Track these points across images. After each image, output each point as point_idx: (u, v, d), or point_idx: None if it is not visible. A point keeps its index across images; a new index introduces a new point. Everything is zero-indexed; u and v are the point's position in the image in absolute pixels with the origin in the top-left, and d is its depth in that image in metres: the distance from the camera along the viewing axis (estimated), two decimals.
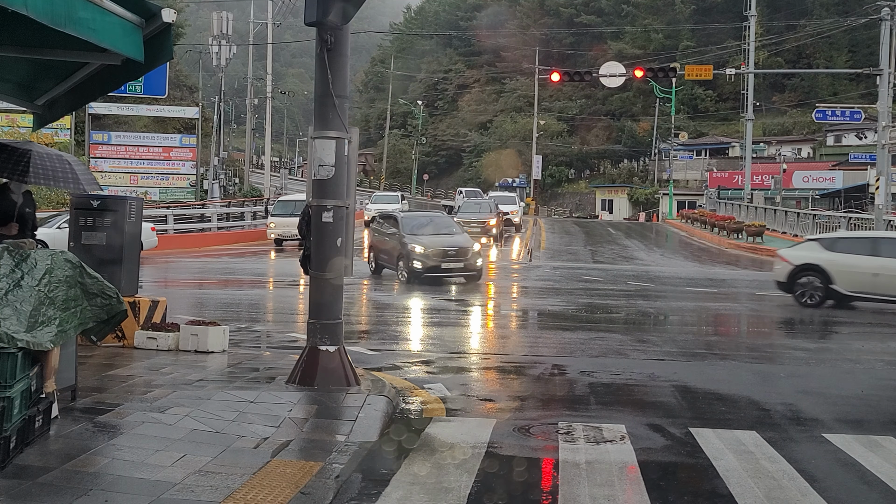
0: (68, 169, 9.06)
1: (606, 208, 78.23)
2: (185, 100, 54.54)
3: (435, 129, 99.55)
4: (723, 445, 6.97)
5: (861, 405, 8.88)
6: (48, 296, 6.33)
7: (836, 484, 6.15)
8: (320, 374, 8.44)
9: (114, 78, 7.42)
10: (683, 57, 72.93)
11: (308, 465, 5.97)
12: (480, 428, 7.41)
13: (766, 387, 9.66)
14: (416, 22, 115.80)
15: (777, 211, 44.49)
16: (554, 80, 31.66)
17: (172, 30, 6.25)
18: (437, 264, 20.47)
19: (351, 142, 8.77)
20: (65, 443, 6.16)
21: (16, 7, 4.49)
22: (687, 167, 75.00)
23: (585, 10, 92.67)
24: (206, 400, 7.66)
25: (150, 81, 38.41)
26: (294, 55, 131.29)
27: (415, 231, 21.55)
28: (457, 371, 10.38)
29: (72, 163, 9.29)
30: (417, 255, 20.42)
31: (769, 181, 59.34)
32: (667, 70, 33.05)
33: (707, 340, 13.69)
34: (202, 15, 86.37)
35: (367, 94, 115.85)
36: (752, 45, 50.18)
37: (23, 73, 8.06)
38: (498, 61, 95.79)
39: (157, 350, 10.14)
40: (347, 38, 8.75)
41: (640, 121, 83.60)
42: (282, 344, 11.86)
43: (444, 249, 20.59)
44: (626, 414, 8.19)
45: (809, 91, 77.86)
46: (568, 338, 13.47)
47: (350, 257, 8.88)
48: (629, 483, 6.02)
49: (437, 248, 20.54)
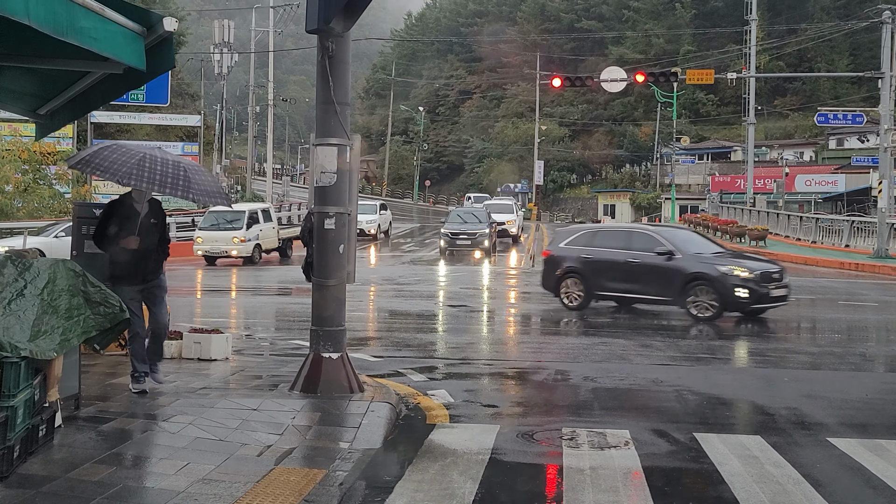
0: (180, 176, 8.03)
1: (609, 213, 78.15)
2: (187, 108, 54.66)
3: (436, 135, 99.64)
4: (727, 450, 6.95)
5: (866, 409, 8.86)
6: (51, 305, 6.33)
7: (842, 488, 6.13)
8: (323, 381, 8.43)
9: (116, 87, 7.43)
10: (685, 61, 73.01)
11: (312, 473, 5.96)
12: (484, 434, 7.39)
13: (770, 391, 9.63)
14: (418, 28, 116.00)
15: (780, 215, 44.41)
16: (555, 85, 31.63)
17: (174, 38, 6.26)
18: None
19: (353, 149, 8.78)
20: (68, 452, 6.15)
21: (18, 17, 4.50)
22: (689, 171, 74.94)
23: (586, 15, 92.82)
24: (210, 408, 7.65)
25: (152, 90, 38.50)
26: (295, 62, 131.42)
27: None
28: (460, 377, 10.37)
29: (189, 170, 8.19)
30: None
31: (771, 185, 59.33)
32: (668, 74, 33.00)
33: (711, 345, 13.66)
34: (204, 23, 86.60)
35: (368, 100, 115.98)
36: (754, 49, 50.17)
37: (25, 82, 8.07)
38: (499, 67, 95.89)
39: None
40: (349, 46, 8.77)
41: (642, 125, 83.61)
42: (285, 351, 11.85)
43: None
44: (630, 419, 8.17)
45: (811, 95, 77.84)
46: (571, 343, 13.45)
47: (353, 264, 8.88)
48: (634, 489, 6.01)
49: None
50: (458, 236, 31.50)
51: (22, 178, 32.78)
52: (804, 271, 28.78)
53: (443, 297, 20.62)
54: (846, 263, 30.01)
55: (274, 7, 55.77)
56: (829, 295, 21.12)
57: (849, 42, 77.17)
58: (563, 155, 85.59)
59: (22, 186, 32.68)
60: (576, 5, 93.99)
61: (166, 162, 8.07)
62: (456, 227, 32.99)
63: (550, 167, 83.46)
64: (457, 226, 33.12)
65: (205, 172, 8.79)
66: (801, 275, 27.33)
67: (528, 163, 79.99)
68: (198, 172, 8.41)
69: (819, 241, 37.29)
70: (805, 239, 38.49)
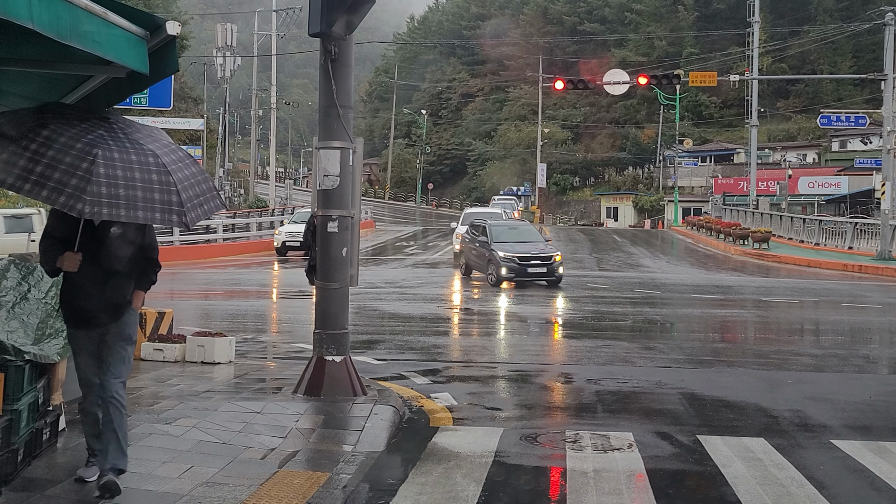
0: (171, 187, 5.00)
1: (611, 216, 78.18)
2: (190, 111, 54.74)
3: (439, 138, 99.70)
4: (731, 452, 6.95)
5: (870, 411, 8.85)
6: (55, 308, 6.35)
7: (845, 491, 6.13)
8: (327, 384, 8.44)
9: (119, 91, 7.44)
10: (687, 64, 73.08)
11: (315, 476, 5.96)
12: (488, 437, 7.39)
13: (773, 393, 9.62)
14: (420, 32, 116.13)
15: (783, 217, 44.40)
16: (558, 88, 31.76)
17: (177, 42, 6.27)
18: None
19: (356, 151, 8.80)
20: (72, 455, 6.16)
21: (21, 21, 4.51)
22: (692, 174, 74.97)
23: (589, 18, 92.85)
24: (213, 411, 7.66)
25: (155, 94, 38.26)
26: (298, 66, 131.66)
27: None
28: (463, 380, 10.37)
29: (175, 170, 5.10)
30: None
31: (774, 187, 59.30)
32: (671, 77, 33.05)
33: (714, 347, 13.66)
34: (207, 27, 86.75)
35: (371, 103, 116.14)
36: (756, 51, 50.20)
37: (28, 86, 8.08)
38: (502, 70, 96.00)
39: (163, 361, 10.16)
40: (351, 49, 8.79)
41: (645, 128, 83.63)
42: (288, 354, 11.86)
43: None
44: (633, 422, 8.16)
45: (814, 97, 77.84)
46: (574, 345, 13.45)
47: (356, 267, 8.89)
48: (637, 491, 6.00)
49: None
50: (529, 262, 22.49)
51: None
52: (807, 273, 28.78)
53: (445, 300, 20.62)
54: (849, 265, 30.00)
55: (277, 11, 55.89)
56: (833, 297, 21.11)
57: (852, 44, 77.13)
58: (565, 157, 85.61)
59: None
60: (578, 8, 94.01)
61: (140, 164, 4.99)
62: (516, 247, 23.30)
63: (553, 170, 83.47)
64: (516, 246, 23.41)
65: (189, 164, 5.37)
66: (804, 277, 27.35)
67: (531, 165, 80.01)
68: (184, 167, 5.26)
69: (822, 243, 37.28)
70: (808, 241, 38.48)
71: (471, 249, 25.09)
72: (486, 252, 23.56)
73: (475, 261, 24.80)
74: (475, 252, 24.67)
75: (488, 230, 24.31)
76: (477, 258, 24.56)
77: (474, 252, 24.74)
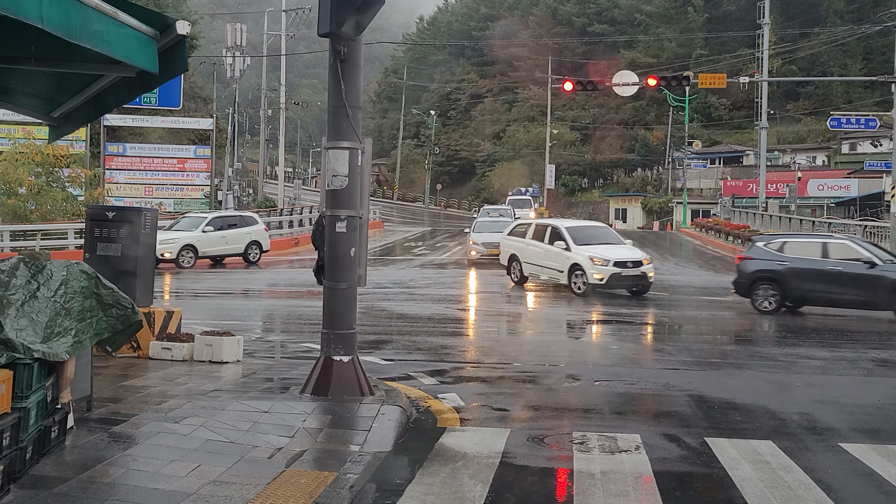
0: None
1: (620, 217, 78.02)
2: (200, 111, 54.78)
3: (448, 139, 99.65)
4: (738, 455, 6.93)
5: (878, 414, 8.82)
6: (64, 307, 6.37)
7: (853, 494, 6.11)
8: (334, 383, 8.45)
9: (129, 90, 7.46)
10: (697, 65, 72.89)
11: (322, 476, 5.97)
12: (495, 437, 7.39)
13: (781, 396, 9.60)
14: (429, 32, 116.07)
15: (792, 219, 44.27)
16: (567, 89, 31.65)
17: (187, 42, 6.29)
18: None
19: (364, 152, 8.80)
20: (80, 453, 6.18)
21: (32, 20, 4.53)
22: (701, 176, 74.76)
23: (598, 19, 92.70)
24: (221, 410, 7.68)
25: (164, 93, 38.65)
26: (307, 66, 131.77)
27: None
28: (471, 380, 10.37)
29: None
30: None
31: (784, 189, 59.11)
32: (680, 78, 32.93)
33: (722, 349, 13.63)
34: (216, 27, 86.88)
35: (380, 104, 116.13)
36: (766, 53, 50.03)
37: (39, 85, 8.11)
38: (511, 71, 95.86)
39: (171, 360, 10.19)
40: (360, 49, 8.79)
41: (654, 129, 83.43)
42: (296, 354, 11.87)
43: None
44: (640, 423, 8.15)
45: (824, 99, 77.54)
46: (582, 346, 13.43)
47: (364, 267, 8.90)
48: (645, 493, 5.99)
49: None
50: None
51: (35, 181, 32.93)
52: None
53: (452, 300, 20.61)
54: None
55: (286, 11, 55.94)
56: None
57: (862, 46, 76.83)
58: (574, 159, 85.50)
59: (35, 189, 32.84)
60: (588, 9, 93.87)
61: None
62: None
63: (562, 171, 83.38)
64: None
65: None
66: None
67: (540, 166, 79.94)
68: None
69: None
70: None
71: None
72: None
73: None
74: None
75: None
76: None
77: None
